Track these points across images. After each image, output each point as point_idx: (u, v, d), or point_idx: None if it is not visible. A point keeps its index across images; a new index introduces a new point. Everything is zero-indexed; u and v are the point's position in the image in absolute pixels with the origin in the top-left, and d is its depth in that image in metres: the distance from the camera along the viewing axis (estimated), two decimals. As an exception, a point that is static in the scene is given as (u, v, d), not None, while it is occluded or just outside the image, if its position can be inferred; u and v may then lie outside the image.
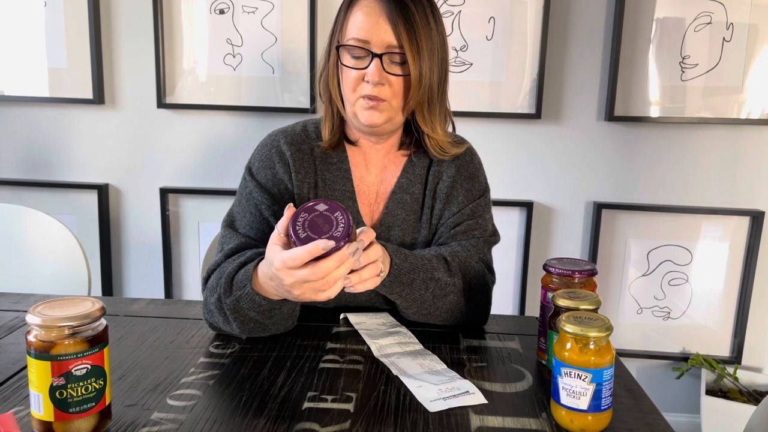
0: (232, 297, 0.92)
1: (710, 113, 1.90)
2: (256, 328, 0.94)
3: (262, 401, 0.77)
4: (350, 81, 1.01)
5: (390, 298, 0.99)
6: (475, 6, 1.87)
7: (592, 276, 0.86)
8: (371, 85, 0.99)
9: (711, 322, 2.03)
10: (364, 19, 0.98)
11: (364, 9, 0.99)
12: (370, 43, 0.98)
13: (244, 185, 1.10)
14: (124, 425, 0.71)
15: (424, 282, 0.98)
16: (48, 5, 1.94)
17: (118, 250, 2.11)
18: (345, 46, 1.00)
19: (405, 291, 0.97)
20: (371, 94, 0.99)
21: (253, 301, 0.90)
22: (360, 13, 0.99)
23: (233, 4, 1.91)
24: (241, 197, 1.09)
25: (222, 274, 0.95)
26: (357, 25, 0.99)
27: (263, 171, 1.08)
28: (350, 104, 1.03)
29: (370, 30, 0.98)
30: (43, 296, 1.15)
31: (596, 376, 0.69)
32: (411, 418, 0.73)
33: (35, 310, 0.66)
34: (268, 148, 1.10)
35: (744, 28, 1.85)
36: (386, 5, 0.98)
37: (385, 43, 0.98)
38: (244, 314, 0.92)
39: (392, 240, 1.10)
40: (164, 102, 1.97)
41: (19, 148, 2.06)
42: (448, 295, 1.00)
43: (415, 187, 1.12)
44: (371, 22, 0.98)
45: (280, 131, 1.12)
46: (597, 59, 1.92)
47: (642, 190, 1.98)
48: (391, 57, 0.99)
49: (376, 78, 0.98)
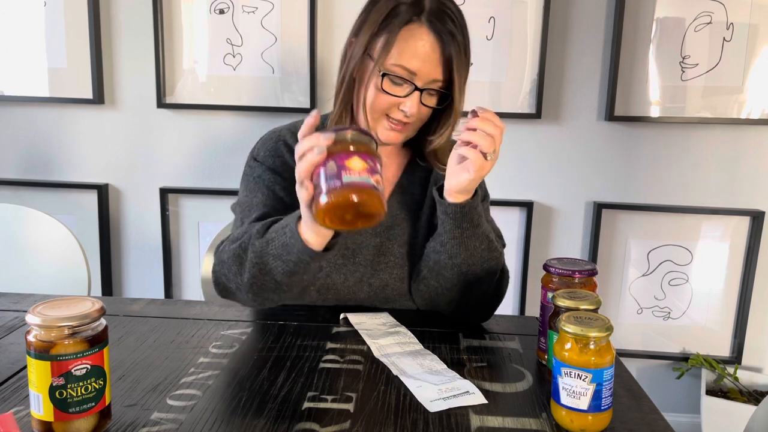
0: (263, 240, 0.89)
1: (710, 113, 1.90)
2: (269, 284, 0.92)
3: (262, 401, 0.77)
4: (381, 102, 0.99)
5: (448, 234, 0.97)
6: (475, 6, 1.87)
7: (592, 276, 0.86)
8: (402, 115, 0.99)
9: (711, 322, 2.03)
10: (418, 50, 0.96)
11: (418, 39, 0.96)
12: (416, 76, 0.97)
13: (249, 172, 1.08)
14: (123, 425, 0.71)
15: (485, 234, 0.98)
16: (48, 5, 1.94)
17: (118, 250, 2.11)
18: (389, 75, 0.97)
19: (468, 230, 0.96)
20: (402, 120, 1.00)
21: (286, 245, 0.87)
22: (414, 42, 0.96)
23: (233, 4, 1.91)
24: (248, 183, 1.07)
25: (252, 228, 0.93)
26: (410, 52, 0.96)
27: (271, 158, 1.07)
28: (372, 118, 1.01)
29: (421, 63, 0.96)
30: (43, 296, 1.15)
31: (596, 376, 0.69)
32: (411, 418, 0.73)
33: (35, 310, 0.66)
34: (274, 141, 1.09)
35: (744, 28, 1.85)
36: (439, 40, 0.96)
37: (431, 78, 0.98)
38: (266, 262, 0.89)
39: (392, 239, 1.09)
40: (164, 102, 1.97)
41: (19, 148, 2.06)
42: (491, 261, 1.01)
43: (416, 188, 1.12)
44: (424, 55, 0.96)
45: (282, 128, 1.12)
46: (597, 59, 1.92)
47: (642, 190, 1.98)
48: (431, 92, 1.00)
49: (414, 111, 0.99)
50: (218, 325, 1.01)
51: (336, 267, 1.06)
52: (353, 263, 1.08)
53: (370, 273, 1.08)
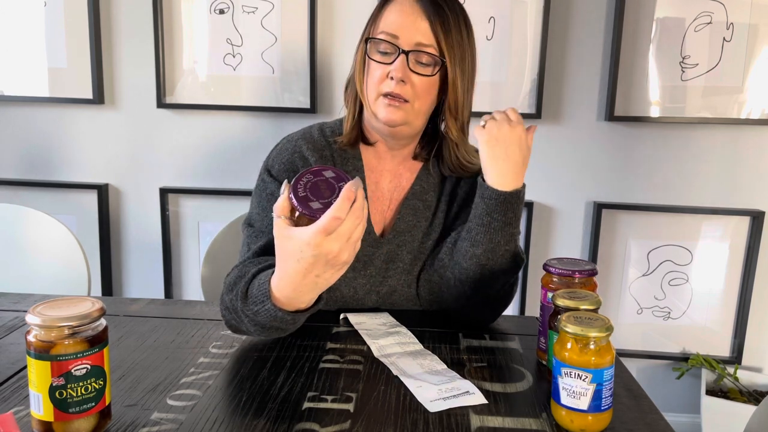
0: (249, 310, 0.86)
1: (710, 113, 1.90)
2: (271, 333, 0.90)
3: (262, 401, 0.77)
4: (374, 77, 0.99)
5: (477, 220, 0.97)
6: (475, 6, 1.87)
7: (592, 276, 0.86)
8: (394, 83, 0.97)
9: (711, 322, 2.03)
10: (398, 15, 0.98)
11: (399, 6, 0.99)
12: (399, 39, 0.97)
13: (263, 187, 1.06)
14: (123, 425, 0.71)
15: (512, 235, 0.98)
16: (48, 5, 1.94)
17: (118, 250, 2.11)
18: (374, 40, 0.99)
19: (497, 222, 0.96)
20: (393, 92, 0.97)
21: (274, 316, 0.83)
22: (395, 10, 0.98)
23: (233, 4, 1.91)
24: (260, 199, 1.06)
25: (243, 275, 0.90)
26: (390, 20, 0.98)
27: (285, 173, 1.06)
28: (372, 101, 1.01)
29: (401, 26, 0.97)
30: (43, 296, 1.15)
31: (596, 376, 0.69)
32: (411, 418, 0.73)
33: (35, 310, 0.65)
34: (290, 153, 1.07)
35: (744, 28, 1.85)
36: (424, 5, 0.97)
37: (415, 41, 0.97)
38: (263, 325, 0.86)
39: (402, 245, 1.08)
40: (164, 102, 1.97)
41: (19, 148, 2.06)
42: (510, 262, 0.99)
43: (429, 195, 1.11)
44: (405, 18, 0.97)
45: (299, 137, 1.10)
46: (597, 59, 1.92)
47: (642, 190, 1.98)
48: (418, 56, 0.97)
49: (399, 74, 0.96)
50: (218, 325, 1.01)
51: (346, 281, 1.06)
52: (364, 275, 1.07)
53: (379, 281, 1.08)
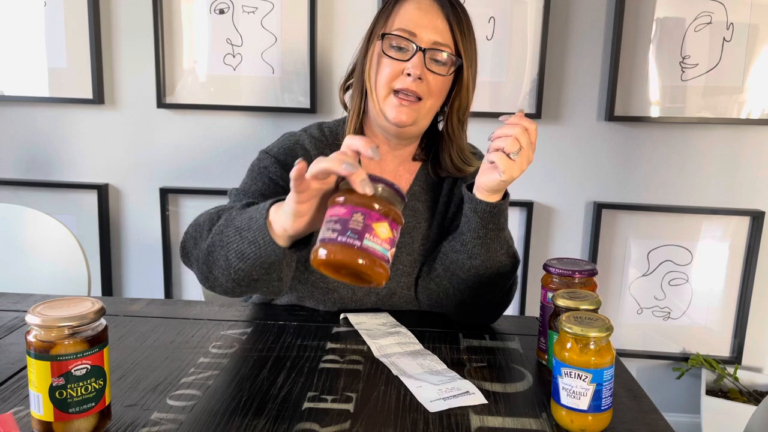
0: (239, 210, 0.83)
1: (710, 113, 1.90)
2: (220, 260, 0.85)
3: (262, 401, 0.77)
4: (386, 73, 0.98)
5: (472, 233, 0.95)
6: (475, 6, 1.87)
7: (592, 276, 0.86)
8: (411, 79, 0.96)
9: (711, 322, 2.03)
10: (415, 13, 0.97)
11: (416, 3, 0.98)
12: (417, 37, 0.96)
13: (257, 163, 1.05)
14: (123, 425, 0.71)
15: (506, 240, 0.97)
16: (48, 5, 1.94)
17: (118, 250, 2.11)
18: (390, 36, 0.98)
19: (493, 232, 0.94)
20: (409, 88, 0.97)
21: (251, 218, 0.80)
22: (412, 7, 0.98)
23: (233, 4, 1.91)
24: (252, 172, 1.05)
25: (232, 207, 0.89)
26: (407, 17, 0.97)
27: (283, 154, 1.05)
28: (380, 99, 1.00)
29: (419, 24, 0.97)
30: (42, 296, 1.15)
31: (596, 377, 0.69)
32: (411, 419, 0.73)
33: (35, 310, 0.65)
34: (292, 142, 1.07)
35: (744, 28, 1.85)
36: (442, 4, 0.98)
37: (433, 40, 0.97)
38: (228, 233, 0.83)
39: (401, 247, 1.08)
40: (164, 102, 1.97)
41: (19, 148, 2.06)
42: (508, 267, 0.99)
43: (428, 195, 1.11)
44: (423, 16, 0.97)
45: (301, 132, 1.10)
46: (597, 59, 1.92)
47: (642, 190, 1.98)
48: (434, 55, 0.97)
49: (417, 71, 0.95)
50: (218, 325, 1.01)
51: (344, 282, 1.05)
52: None
53: None
